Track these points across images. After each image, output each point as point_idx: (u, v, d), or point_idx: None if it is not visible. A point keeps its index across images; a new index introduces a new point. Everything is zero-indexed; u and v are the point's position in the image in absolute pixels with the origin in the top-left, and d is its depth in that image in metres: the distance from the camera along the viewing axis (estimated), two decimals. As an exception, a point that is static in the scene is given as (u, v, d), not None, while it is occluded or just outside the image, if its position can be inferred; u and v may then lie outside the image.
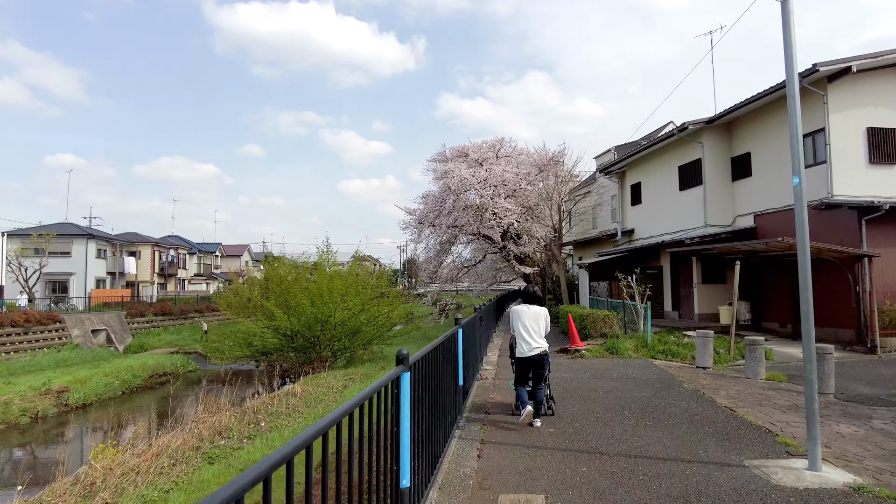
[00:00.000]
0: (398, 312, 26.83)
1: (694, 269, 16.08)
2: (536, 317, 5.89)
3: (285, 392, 17.53)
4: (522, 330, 5.83)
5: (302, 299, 22.12)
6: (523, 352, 5.81)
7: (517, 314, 5.98)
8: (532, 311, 5.92)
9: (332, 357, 23.49)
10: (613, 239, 20.78)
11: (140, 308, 38.36)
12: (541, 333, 5.88)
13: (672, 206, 17.84)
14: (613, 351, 10.58)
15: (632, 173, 20.75)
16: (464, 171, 29.51)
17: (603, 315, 11.63)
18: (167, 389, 24.47)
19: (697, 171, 16.42)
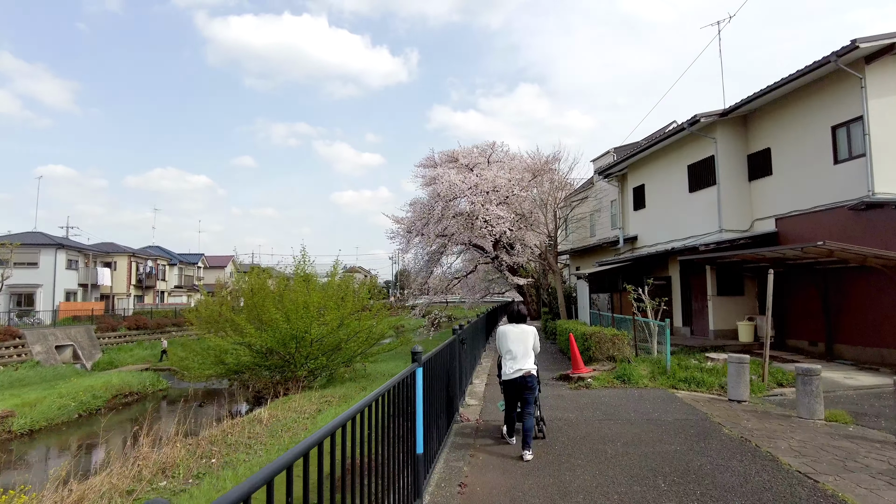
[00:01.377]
0: (382, 327, 24.96)
1: (708, 279, 14.31)
2: (523, 337, 5.68)
3: (250, 419, 15.67)
4: (508, 351, 5.65)
5: (274, 314, 20.22)
6: (508, 374, 5.59)
7: (502, 335, 5.79)
8: (518, 331, 5.72)
9: (311, 376, 21.57)
10: (615, 247, 19.02)
11: (112, 322, 36.19)
12: (528, 354, 5.64)
13: (681, 210, 16.11)
14: (625, 379, 8.73)
15: (634, 175, 19.04)
16: (453, 176, 27.83)
17: (611, 334, 9.78)
18: (132, 412, 22.44)
19: (710, 169, 14.71)
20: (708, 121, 14.15)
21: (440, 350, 5.15)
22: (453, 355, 6.51)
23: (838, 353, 11.62)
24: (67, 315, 35.60)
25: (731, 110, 13.92)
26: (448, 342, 6.01)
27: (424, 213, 29.31)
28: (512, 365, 5.55)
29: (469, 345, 9.55)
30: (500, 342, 5.80)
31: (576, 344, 9.47)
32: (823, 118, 11.92)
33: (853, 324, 11.21)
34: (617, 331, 10.09)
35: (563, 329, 13.26)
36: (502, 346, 5.75)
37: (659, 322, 10.02)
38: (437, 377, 4.96)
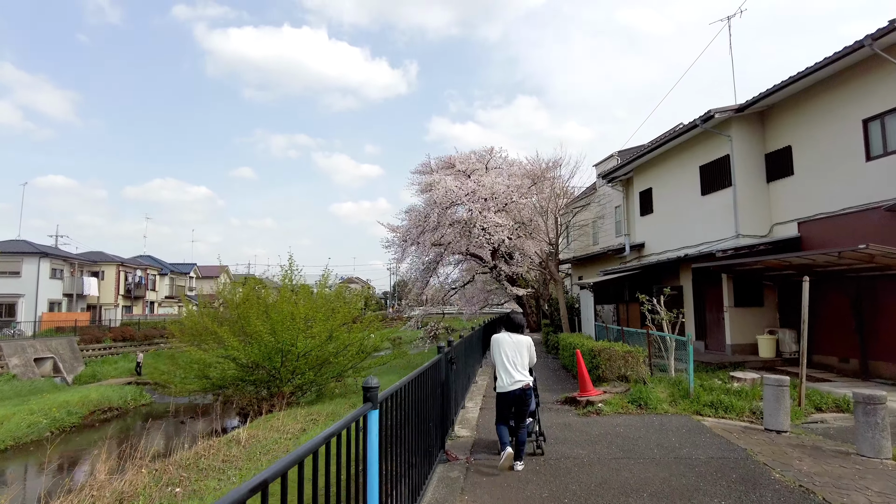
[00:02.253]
0: (375, 339, 23.72)
1: (724, 289, 13.13)
2: (518, 346, 5.50)
3: (227, 439, 14.39)
4: (503, 361, 5.47)
5: (258, 326, 19.03)
6: (503, 386, 5.43)
7: (497, 343, 5.59)
8: (514, 341, 5.53)
9: (300, 391, 20.35)
10: (620, 255, 17.86)
11: (96, 333, 34.87)
12: (524, 365, 5.47)
13: (693, 215, 14.97)
14: (642, 403, 7.51)
15: (640, 179, 17.94)
16: (450, 182, 26.74)
17: (623, 351, 8.56)
18: (110, 429, 21.14)
19: (725, 170, 13.60)
20: (723, 117, 13.06)
21: (415, 377, 3.96)
22: (437, 381, 5.33)
23: (874, 371, 10.42)
24: (50, 326, 34.33)
25: (748, 105, 12.84)
26: (429, 364, 4.84)
27: (420, 220, 28.22)
28: (506, 377, 5.38)
29: (462, 362, 8.36)
30: (495, 352, 5.60)
31: (583, 362, 8.27)
32: (853, 111, 10.82)
33: (892, 338, 10.02)
34: (629, 346, 8.87)
35: (566, 343, 12.06)
36: (496, 356, 5.55)
37: (678, 336, 8.81)
38: (411, 414, 3.77)
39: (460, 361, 8.11)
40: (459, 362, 7.98)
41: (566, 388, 10.10)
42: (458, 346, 7.46)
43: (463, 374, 8.51)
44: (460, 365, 8.05)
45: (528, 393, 5.34)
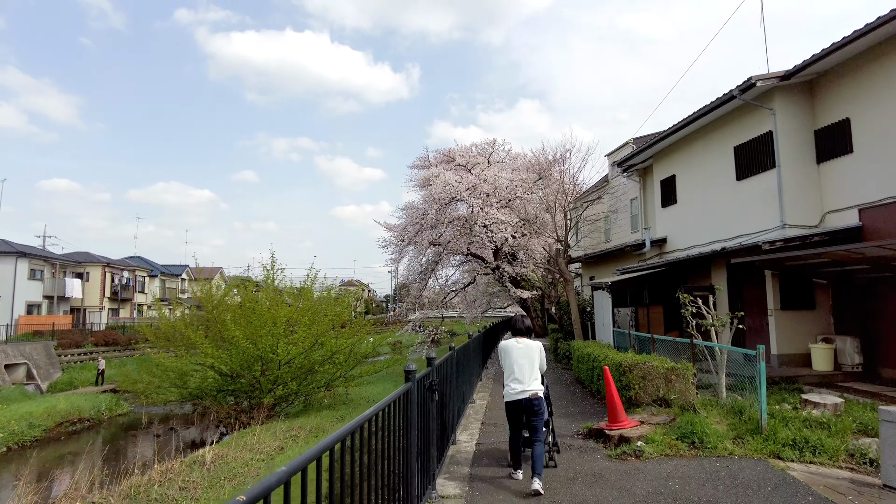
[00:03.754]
0: (366, 346, 21.74)
1: (769, 289, 11.11)
2: (528, 352, 5.18)
3: (191, 460, 12.55)
4: (512, 370, 5.15)
5: (233, 330, 17.11)
6: (512, 394, 5.07)
7: (506, 352, 5.27)
8: (522, 346, 5.21)
9: (284, 402, 18.43)
10: (639, 252, 15.84)
11: (76, 337, 33.02)
12: (534, 373, 5.13)
13: (725, 204, 12.96)
14: (695, 440, 5.50)
15: (662, 165, 15.92)
16: (449, 176, 24.80)
17: (666, 368, 6.52)
18: (77, 443, 19.25)
19: (766, 150, 11.59)
20: (765, 85, 11.04)
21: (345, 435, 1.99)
22: (404, 423, 3.37)
23: (967, 390, 8.39)
24: (28, 330, 32.48)
25: (796, 72, 10.84)
26: (392, 398, 2.88)
27: (417, 218, 26.28)
28: (516, 385, 5.09)
29: (454, 380, 6.40)
30: (504, 360, 5.31)
31: (613, 382, 6.26)
32: (936, 70, 8.84)
33: None
34: (672, 362, 6.81)
35: (583, 354, 10.06)
36: (505, 364, 5.28)
37: (740, 349, 6.75)
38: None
39: (451, 380, 6.15)
40: (450, 382, 6.01)
41: (586, 410, 8.09)
42: (445, 363, 5.48)
43: (455, 396, 6.55)
44: (451, 386, 6.07)
45: (538, 402, 5.02)
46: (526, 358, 5.13)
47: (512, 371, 5.14)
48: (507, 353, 5.24)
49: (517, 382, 5.05)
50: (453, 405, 6.31)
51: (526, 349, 5.18)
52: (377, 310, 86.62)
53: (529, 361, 5.12)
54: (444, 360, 5.45)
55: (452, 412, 6.18)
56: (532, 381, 5.05)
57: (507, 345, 5.32)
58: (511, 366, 5.15)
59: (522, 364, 5.10)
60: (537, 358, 5.18)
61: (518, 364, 5.11)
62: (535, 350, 5.20)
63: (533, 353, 5.18)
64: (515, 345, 5.24)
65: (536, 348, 5.23)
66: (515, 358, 5.14)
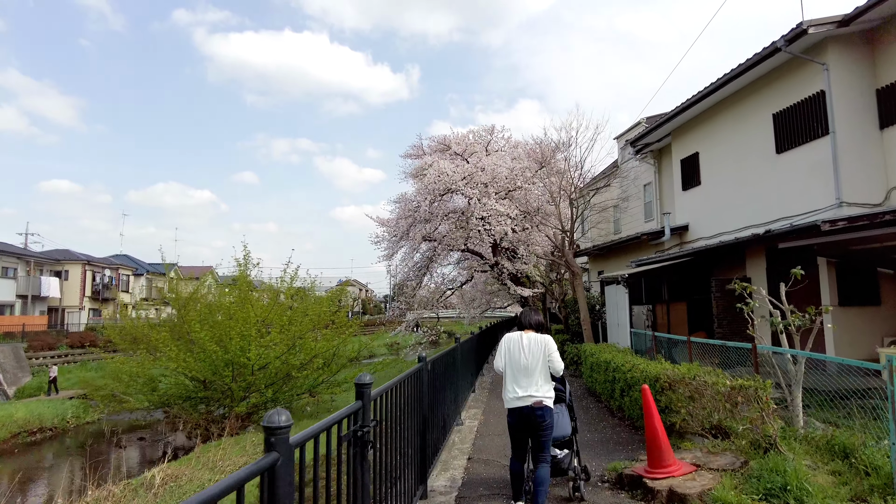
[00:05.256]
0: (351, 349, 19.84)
1: (823, 280, 9.13)
2: (534, 348, 4.12)
3: (138, 483, 10.88)
4: (512, 368, 4.13)
5: (199, 332, 15.25)
6: (511, 400, 4.07)
7: (505, 345, 4.26)
8: (528, 340, 4.17)
9: (263, 410, 16.58)
10: (656, 241, 13.87)
11: (49, 339, 31.09)
12: (540, 374, 4.07)
13: (762, 182, 10.99)
14: (784, 498, 3.54)
15: (682, 142, 13.94)
16: (444, 164, 22.87)
17: (728, 386, 4.47)
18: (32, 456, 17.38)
19: (817, 114, 9.62)
20: (818, 33, 9.06)
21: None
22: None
23: None
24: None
25: (857, 15, 8.87)
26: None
27: (410, 211, 24.35)
28: (516, 390, 4.02)
29: (429, 403, 4.46)
30: (502, 356, 4.22)
31: (656, 410, 4.29)
32: None
33: None
34: (741, 378, 4.76)
35: (598, 362, 8.10)
36: (504, 360, 4.20)
37: (833, 358, 4.79)
38: None
39: (421, 405, 4.21)
40: (413, 415, 4.07)
41: (607, 437, 6.12)
42: (410, 382, 3.52)
43: (432, 424, 4.61)
44: (436, 414, 4.12)
45: (543, 413, 3.95)
46: (531, 354, 4.08)
47: (511, 373, 4.13)
48: (508, 347, 4.24)
49: (518, 386, 4.05)
50: (427, 436, 4.38)
51: (532, 343, 4.15)
52: (375, 310, 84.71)
53: (536, 359, 4.07)
54: (400, 382, 3.50)
55: (421, 450, 4.24)
56: (538, 385, 4.03)
57: (508, 338, 4.31)
58: (512, 364, 4.14)
59: (527, 362, 4.07)
60: (543, 356, 4.09)
61: (521, 362, 4.08)
62: (544, 345, 4.14)
63: (541, 348, 4.12)
64: (519, 338, 4.22)
65: (546, 343, 4.18)
66: (518, 354, 4.13)
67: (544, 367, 4.09)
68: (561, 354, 4.30)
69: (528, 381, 4.04)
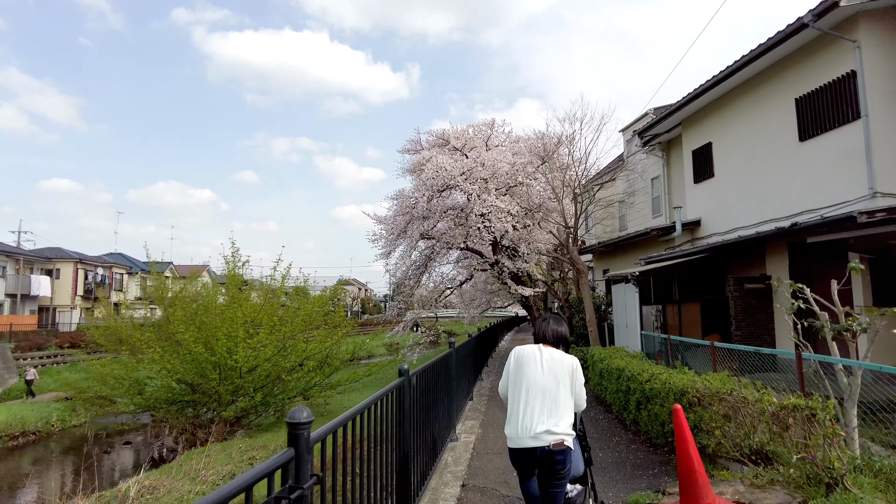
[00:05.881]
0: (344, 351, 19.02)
1: (856, 278, 8.32)
2: (554, 370, 3.07)
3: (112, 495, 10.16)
4: (522, 395, 3.07)
5: (183, 333, 14.51)
6: (519, 439, 3.00)
7: (517, 363, 3.19)
8: (548, 356, 3.12)
9: (254, 414, 15.86)
10: (666, 237, 13.05)
11: (38, 339, 30.33)
12: (561, 405, 3.02)
13: (782, 172, 10.17)
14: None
15: (693, 132, 13.12)
16: (442, 159, 22.08)
17: (777, 406, 3.65)
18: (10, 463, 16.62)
19: (846, 96, 8.80)
20: (850, 6, 8.23)
21: None
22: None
23: None
24: (-14, 331, 29.84)
25: (893, -13, 8.07)
26: None
27: (407, 208, 23.54)
28: (526, 422, 2.96)
29: (412, 428, 3.66)
30: (511, 377, 3.16)
31: (690, 436, 3.47)
32: None
33: None
34: (795, 396, 3.90)
35: (608, 368, 7.28)
36: (514, 385, 3.12)
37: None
38: None
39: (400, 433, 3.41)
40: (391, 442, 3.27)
41: (623, 458, 5.30)
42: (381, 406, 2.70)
43: (424, 442, 3.81)
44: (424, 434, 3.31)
45: (562, 457, 2.91)
46: (551, 378, 3.06)
47: (523, 398, 3.06)
48: (520, 366, 3.17)
49: (533, 416, 3.00)
50: (411, 464, 3.58)
51: (553, 364, 3.10)
52: (374, 309, 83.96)
53: (556, 385, 3.05)
54: (371, 405, 2.69)
55: (401, 484, 3.43)
56: (559, 418, 3.01)
57: (521, 353, 3.23)
58: (523, 389, 3.08)
59: (544, 387, 3.04)
60: (569, 384, 3.09)
61: (539, 381, 3.06)
62: (571, 369, 3.13)
63: (566, 371, 3.11)
64: (535, 355, 3.16)
65: (574, 368, 3.16)
66: (535, 371, 3.09)
67: (568, 396, 3.10)
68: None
69: (548, 410, 3.03)
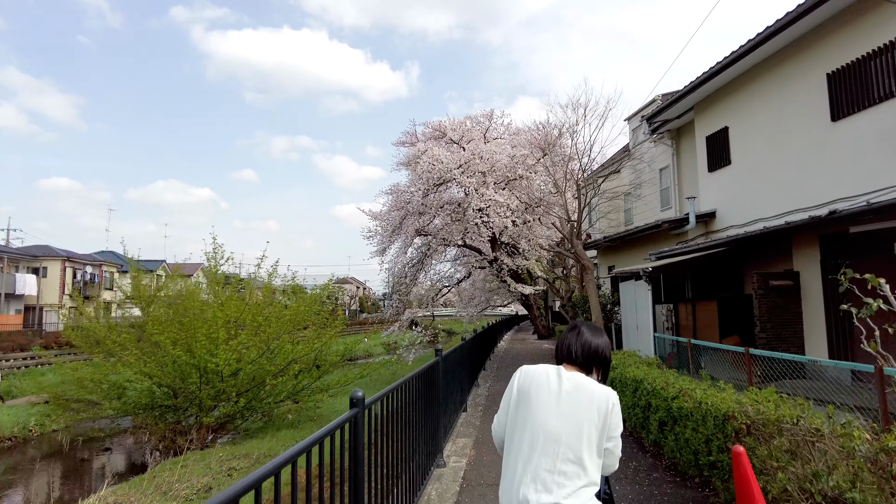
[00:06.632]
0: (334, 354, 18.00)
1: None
2: (575, 409, 1.75)
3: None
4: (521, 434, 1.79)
5: (160, 334, 13.58)
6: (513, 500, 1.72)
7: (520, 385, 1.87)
8: (571, 386, 1.79)
9: (240, 419, 14.90)
10: (678, 230, 12.04)
11: (21, 340, 29.35)
12: (589, 460, 1.71)
13: (811, 156, 9.16)
14: None
15: (707, 116, 12.10)
16: (438, 151, 21.08)
17: (879, 449, 2.73)
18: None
19: (889, 67, 7.79)
20: (897, -36, 7.25)
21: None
22: None
23: None
24: (-33, 331, 28.88)
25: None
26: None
27: (402, 203, 22.54)
28: (525, 489, 1.69)
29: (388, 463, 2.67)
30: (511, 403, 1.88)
31: (754, 480, 2.48)
32: None
33: None
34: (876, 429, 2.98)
35: (622, 378, 6.27)
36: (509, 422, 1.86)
37: None
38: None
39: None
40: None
41: (648, 495, 4.26)
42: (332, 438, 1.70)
43: (396, 482, 2.82)
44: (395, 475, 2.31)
45: None
46: (571, 423, 1.76)
47: (525, 451, 1.77)
48: (525, 398, 1.86)
49: (530, 486, 1.72)
50: None
51: (577, 399, 1.79)
52: (373, 308, 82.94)
53: (577, 434, 1.75)
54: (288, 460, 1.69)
55: None
56: (570, 490, 1.70)
57: (528, 378, 1.90)
58: (525, 437, 1.79)
59: (557, 435, 1.74)
60: (599, 430, 1.77)
61: (544, 436, 1.76)
62: (599, 408, 1.79)
63: (592, 413, 1.77)
64: (549, 383, 1.83)
65: (604, 406, 1.79)
66: (542, 418, 1.79)
67: (594, 453, 1.76)
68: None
69: (560, 474, 1.74)
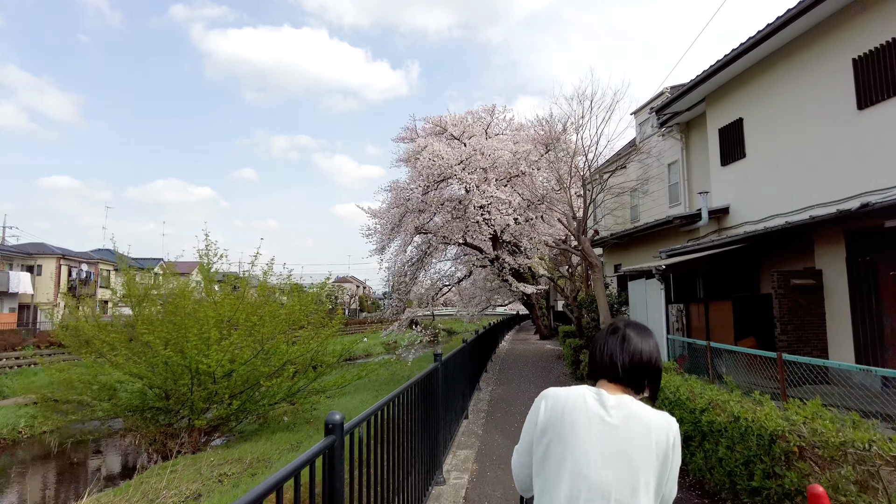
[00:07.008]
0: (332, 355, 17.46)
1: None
2: (627, 449, 1.18)
3: None
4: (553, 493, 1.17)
5: (149, 334, 13.11)
6: None
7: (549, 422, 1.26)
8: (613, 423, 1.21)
9: (234, 421, 14.43)
10: (689, 227, 11.50)
11: (13, 339, 28.89)
12: None
13: (835, 147, 8.63)
14: None
15: (720, 108, 11.56)
16: (439, 147, 20.57)
17: None
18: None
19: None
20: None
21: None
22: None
23: None
24: (-42, 330, 28.41)
25: None
26: None
27: (402, 200, 22.01)
28: None
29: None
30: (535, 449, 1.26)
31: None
32: None
33: None
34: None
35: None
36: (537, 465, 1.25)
37: None
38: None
39: None
40: None
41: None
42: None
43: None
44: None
45: None
46: (623, 470, 1.18)
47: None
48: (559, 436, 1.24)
49: None
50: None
51: (629, 437, 1.22)
52: (373, 307, 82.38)
53: (631, 485, 1.18)
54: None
55: None
56: None
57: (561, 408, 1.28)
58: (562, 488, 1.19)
59: (605, 488, 1.16)
60: (658, 474, 1.21)
61: (588, 488, 1.16)
62: (658, 446, 1.21)
63: (649, 455, 1.20)
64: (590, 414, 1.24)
65: (664, 443, 1.22)
66: (584, 465, 1.19)
67: (646, 489, 1.23)
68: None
69: None
